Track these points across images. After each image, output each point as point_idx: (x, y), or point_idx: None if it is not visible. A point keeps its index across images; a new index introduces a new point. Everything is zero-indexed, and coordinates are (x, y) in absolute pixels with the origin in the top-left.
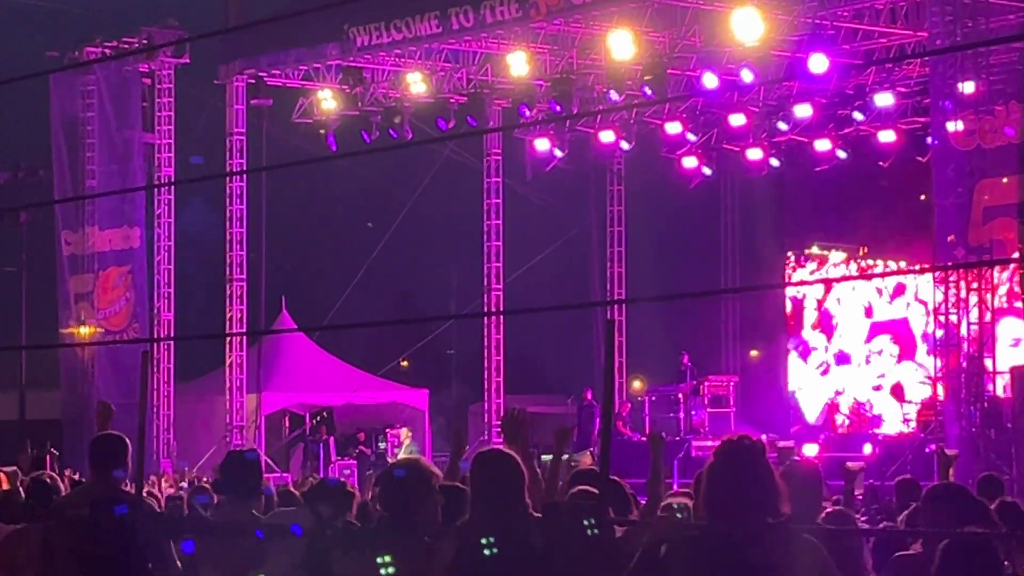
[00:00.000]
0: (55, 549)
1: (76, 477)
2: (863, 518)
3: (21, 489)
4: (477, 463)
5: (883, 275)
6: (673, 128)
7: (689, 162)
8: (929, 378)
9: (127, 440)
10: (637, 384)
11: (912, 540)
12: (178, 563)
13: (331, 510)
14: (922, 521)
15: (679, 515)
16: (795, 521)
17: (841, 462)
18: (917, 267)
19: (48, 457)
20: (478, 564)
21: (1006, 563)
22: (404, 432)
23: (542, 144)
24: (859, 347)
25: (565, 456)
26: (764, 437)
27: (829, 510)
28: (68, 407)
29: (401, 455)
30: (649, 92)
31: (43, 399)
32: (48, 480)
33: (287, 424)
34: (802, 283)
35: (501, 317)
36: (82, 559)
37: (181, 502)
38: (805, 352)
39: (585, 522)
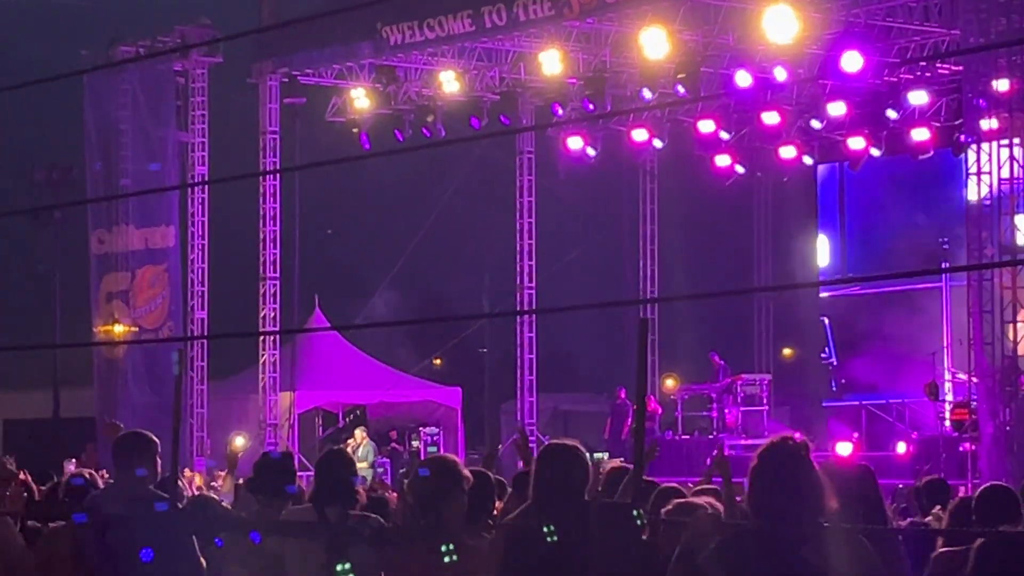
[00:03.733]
0: (87, 548)
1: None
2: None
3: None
4: (544, 457)
5: (914, 274)
6: (706, 126)
7: (722, 160)
8: (964, 376)
9: (154, 438)
10: (670, 382)
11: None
12: (202, 561)
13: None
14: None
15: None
16: (848, 520)
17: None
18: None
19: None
20: (531, 551)
21: None
22: (359, 433)
23: (575, 142)
24: None
25: (596, 456)
26: (797, 436)
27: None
28: (101, 405)
29: (359, 458)
30: (682, 90)
31: (77, 397)
32: (87, 478)
33: (320, 422)
34: (832, 282)
35: (534, 315)
36: (115, 557)
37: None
38: None
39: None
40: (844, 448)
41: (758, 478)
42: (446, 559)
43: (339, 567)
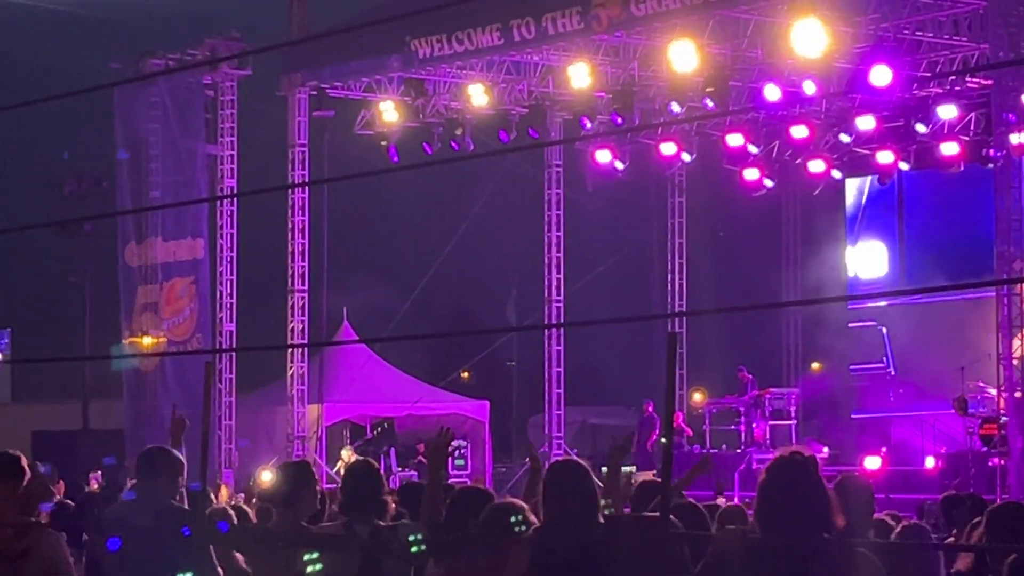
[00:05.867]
0: (99, 559)
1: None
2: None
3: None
4: (553, 472)
5: (945, 288)
6: (735, 140)
7: (751, 174)
8: (993, 391)
9: (177, 455)
10: (697, 396)
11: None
12: (219, 571)
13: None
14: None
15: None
16: (845, 533)
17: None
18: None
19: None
20: (552, 570)
21: None
22: (346, 452)
23: (603, 156)
24: None
25: (625, 469)
26: (825, 450)
27: (904, 524)
28: (130, 417)
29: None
30: (711, 104)
31: (106, 409)
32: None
33: (348, 435)
34: (861, 297)
35: (562, 328)
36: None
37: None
38: None
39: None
40: (872, 462)
41: (766, 492)
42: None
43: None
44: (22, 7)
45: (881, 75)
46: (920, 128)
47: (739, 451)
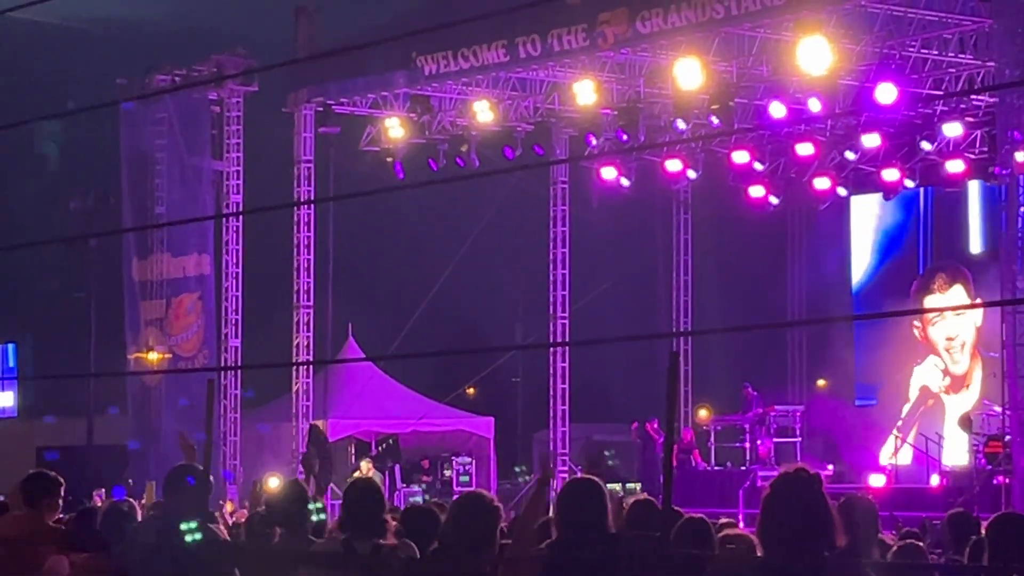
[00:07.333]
0: None
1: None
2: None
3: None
4: (567, 490)
5: (953, 308)
6: (740, 157)
7: (756, 191)
8: (997, 409)
9: (201, 470)
10: (703, 413)
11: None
12: None
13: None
14: (988, 551)
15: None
16: (851, 553)
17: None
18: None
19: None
20: None
21: None
22: (365, 464)
23: (609, 172)
24: None
25: (630, 487)
26: (831, 468)
27: (900, 544)
28: (135, 433)
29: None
30: (716, 121)
31: (111, 424)
32: (126, 508)
33: (353, 451)
34: (867, 317)
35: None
36: None
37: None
38: None
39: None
40: (877, 480)
41: (770, 508)
42: None
43: None
44: (29, 23)
45: (886, 93)
46: (925, 146)
47: (743, 468)
